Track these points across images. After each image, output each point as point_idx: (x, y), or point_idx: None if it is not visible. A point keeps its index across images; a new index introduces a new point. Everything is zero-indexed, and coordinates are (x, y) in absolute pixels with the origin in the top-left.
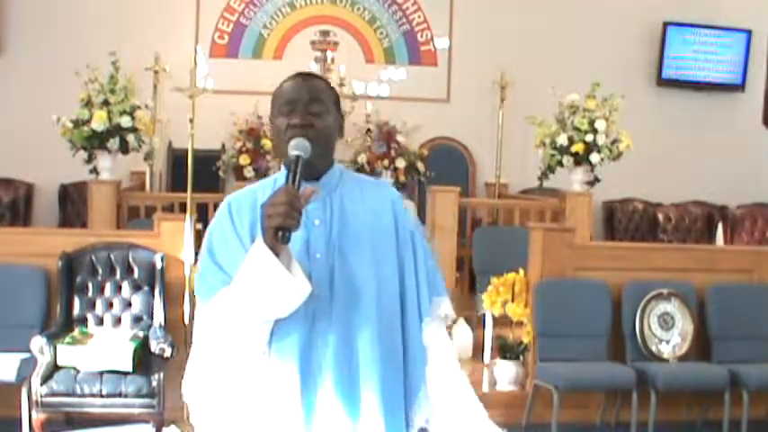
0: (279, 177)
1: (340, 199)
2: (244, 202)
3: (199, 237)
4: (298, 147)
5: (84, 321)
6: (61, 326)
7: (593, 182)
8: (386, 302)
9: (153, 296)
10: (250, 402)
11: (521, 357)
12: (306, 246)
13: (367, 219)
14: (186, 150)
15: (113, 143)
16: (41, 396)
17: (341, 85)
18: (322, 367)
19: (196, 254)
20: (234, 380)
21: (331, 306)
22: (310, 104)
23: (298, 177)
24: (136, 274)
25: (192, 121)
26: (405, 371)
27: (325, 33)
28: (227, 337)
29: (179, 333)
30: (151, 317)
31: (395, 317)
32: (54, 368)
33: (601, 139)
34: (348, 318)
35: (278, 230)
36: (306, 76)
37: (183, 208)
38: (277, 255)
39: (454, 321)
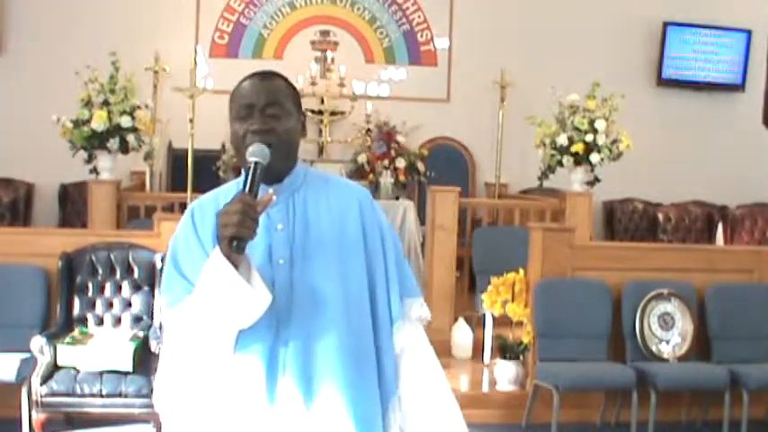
0: (241, 182)
1: (303, 201)
2: (207, 208)
3: None
4: (255, 153)
5: (84, 321)
6: (61, 326)
7: (593, 182)
8: (353, 308)
9: (153, 296)
10: (217, 404)
11: (521, 357)
12: (268, 251)
13: (332, 221)
14: (186, 150)
15: (113, 143)
16: (41, 396)
17: (341, 85)
18: (285, 376)
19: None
20: (200, 384)
21: (294, 314)
22: (269, 107)
23: (255, 184)
24: (136, 274)
25: (192, 121)
26: (379, 377)
27: (325, 33)
28: (192, 344)
29: None
30: (151, 317)
31: (364, 322)
32: (54, 368)
33: (601, 139)
34: (312, 325)
35: (232, 240)
36: (263, 76)
37: (182, 208)
38: (236, 264)
39: (430, 322)
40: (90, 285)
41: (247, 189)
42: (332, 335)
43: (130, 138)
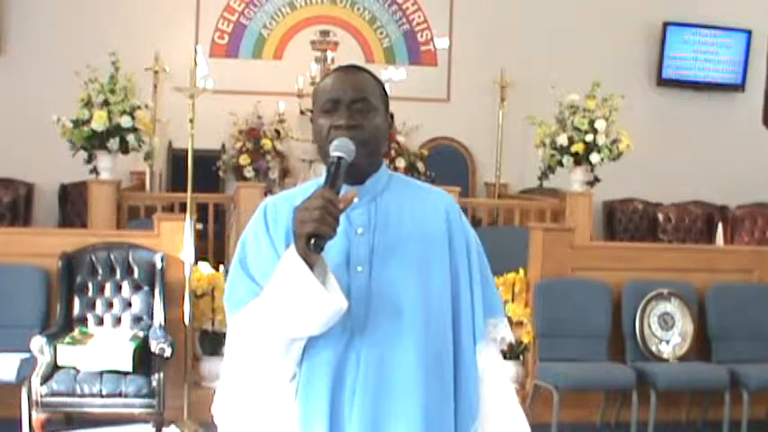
0: (321, 181)
1: (386, 206)
2: (281, 207)
3: (199, 237)
4: (340, 147)
5: (84, 321)
6: (61, 326)
7: (594, 182)
8: (434, 323)
9: (153, 296)
10: (279, 419)
11: (521, 357)
12: (346, 257)
13: (416, 229)
14: (186, 150)
15: (113, 143)
16: (41, 396)
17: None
18: (355, 396)
19: (196, 254)
20: (260, 404)
21: (369, 326)
22: (356, 102)
23: (338, 180)
24: (136, 274)
25: (192, 121)
26: (456, 399)
27: (325, 33)
28: (254, 355)
29: (179, 333)
30: (151, 317)
31: (445, 339)
32: (54, 368)
33: (601, 139)
34: (388, 340)
35: (310, 238)
36: (349, 70)
37: (183, 208)
38: (311, 266)
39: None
40: (90, 285)
41: (329, 185)
42: (410, 352)
43: (130, 138)
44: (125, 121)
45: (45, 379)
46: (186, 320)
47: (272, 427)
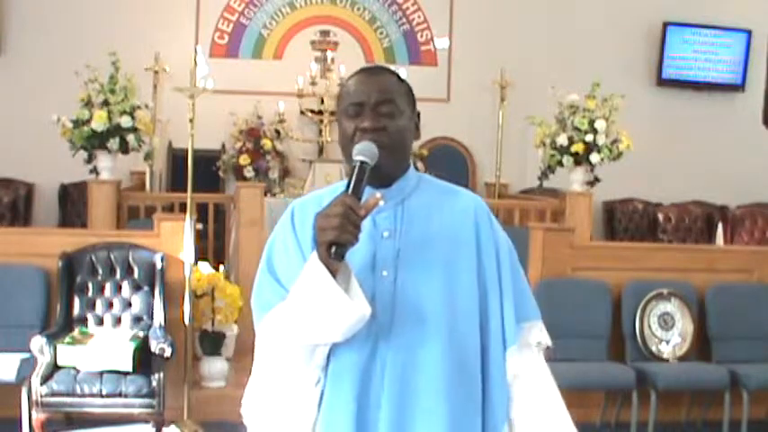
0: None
1: (413, 209)
2: (309, 208)
3: (199, 237)
4: (363, 151)
5: (84, 321)
6: (61, 326)
7: (594, 182)
8: (460, 327)
9: (153, 296)
10: (304, 424)
11: None
12: (372, 261)
13: (443, 232)
14: (186, 150)
15: (113, 143)
16: (41, 396)
17: (340, 85)
18: (381, 402)
19: (196, 254)
20: (286, 408)
21: (394, 332)
22: (381, 105)
23: (360, 186)
24: (136, 274)
25: (191, 121)
26: (483, 407)
27: (325, 33)
28: (278, 359)
29: (179, 333)
30: (151, 317)
31: (473, 346)
32: (54, 368)
33: (601, 139)
34: (413, 345)
35: (330, 246)
36: (373, 72)
37: (183, 208)
38: (334, 272)
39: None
40: (90, 285)
41: (350, 190)
42: (435, 357)
43: (130, 138)
44: (125, 121)
45: (45, 379)
46: (186, 320)
47: (299, 428)
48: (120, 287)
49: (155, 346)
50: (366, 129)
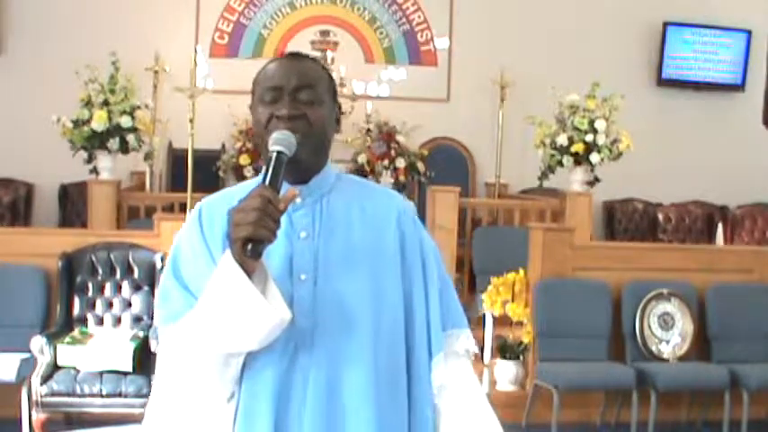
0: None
1: (333, 208)
2: (218, 208)
3: None
4: (280, 141)
5: (84, 321)
6: (61, 326)
7: (594, 182)
8: (386, 338)
9: (153, 296)
10: None
11: (521, 357)
12: (289, 264)
13: (366, 232)
14: (186, 150)
15: (113, 143)
16: (41, 396)
17: (341, 85)
18: (303, 419)
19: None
20: (194, 427)
21: (316, 340)
22: (300, 91)
23: (278, 178)
24: (136, 274)
25: (192, 121)
26: (410, 417)
27: (325, 33)
28: (187, 373)
29: None
30: (151, 317)
31: (398, 355)
32: (54, 368)
33: (601, 139)
34: (336, 355)
35: (247, 242)
36: (294, 57)
37: (183, 208)
38: (249, 273)
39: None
40: (90, 285)
41: (267, 182)
42: (360, 366)
43: (130, 138)
44: (125, 121)
45: (45, 379)
46: None
47: None
48: (120, 287)
49: (155, 346)
50: (282, 116)
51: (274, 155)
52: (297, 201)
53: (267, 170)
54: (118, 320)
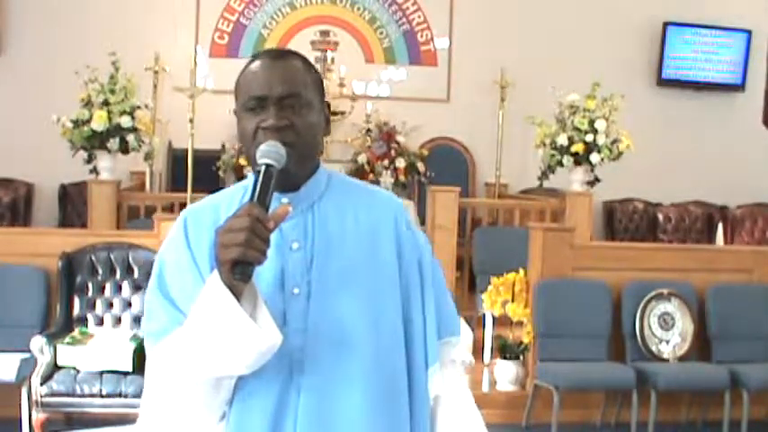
0: (249, 187)
1: (325, 215)
2: (203, 218)
3: None
4: (268, 153)
5: (84, 321)
6: (61, 326)
7: (594, 182)
8: (387, 353)
9: None
10: None
11: (521, 357)
12: (280, 278)
13: (361, 239)
14: (186, 150)
15: (113, 143)
16: (41, 396)
17: (341, 85)
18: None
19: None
20: None
21: (311, 357)
22: (286, 98)
23: (267, 193)
24: (136, 275)
25: (192, 121)
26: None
27: (325, 33)
28: (176, 394)
29: None
30: None
31: (398, 368)
32: (54, 368)
33: (601, 139)
34: (333, 372)
35: (235, 265)
36: (276, 56)
37: (182, 208)
38: (238, 295)
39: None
40: (90, 285)
41: (256, 199)
42: (358, 385)
43: (130, 138)
44: (125, 121)
45: (45, 379)
46: None
47: None
48: (120, 287)
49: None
50: (269, 127)
51: (263, 168)
52: (289, 213)
53: (255, 185)
54: (118, 320)
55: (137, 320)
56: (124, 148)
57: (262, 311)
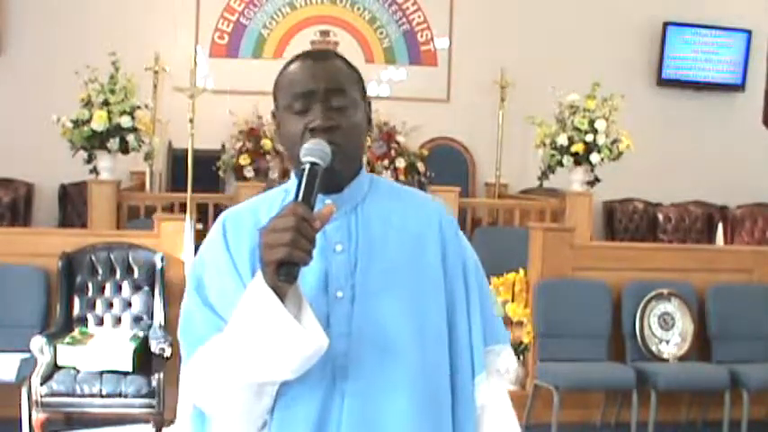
0: (290, 189)
1: (368, 217)
2: (244, 220)
3: (199, 237)
4: (313, 152)
5: (84, 321)
6: (61, 326)
7: (594, 182)
8: (430, 361)
9: (153, 296)
10: None
11: (521, 357)
12: (323, 281)
13: (405, 243)
14: (186, 150)
15: (113, 143)
16: (41, 396)
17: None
18: None
19: (196, 254)
20: None
21: (355, 362)
22: (331, 98)
23: (313, 192)
24: (136, 274)
25: (191, 121)
26: None
27: (325, 33)
28: (217, 402)
29: None
30: (151, 317)
31: (442, 379)
32: (54, 368)
33: (601, 139)
34: (377, 378)
35: (281, 266)
36: (319, 57)
37: (183, 208)
38: (282, 297)
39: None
40: (90, 285)
41: (301, 198)
42: (403, 390)
43: (130, 138)
44: (125, 121)
45: (45, 379)
46: None
47: None
48: (120, 287)
49: (155, 346)
50: (317, 128)
51: (308, 167)
52: (334, 213)
53: (300, 184)
54: (118, 320)
55: (137, 320)
56: (124, 148)
57: (307, 314)
